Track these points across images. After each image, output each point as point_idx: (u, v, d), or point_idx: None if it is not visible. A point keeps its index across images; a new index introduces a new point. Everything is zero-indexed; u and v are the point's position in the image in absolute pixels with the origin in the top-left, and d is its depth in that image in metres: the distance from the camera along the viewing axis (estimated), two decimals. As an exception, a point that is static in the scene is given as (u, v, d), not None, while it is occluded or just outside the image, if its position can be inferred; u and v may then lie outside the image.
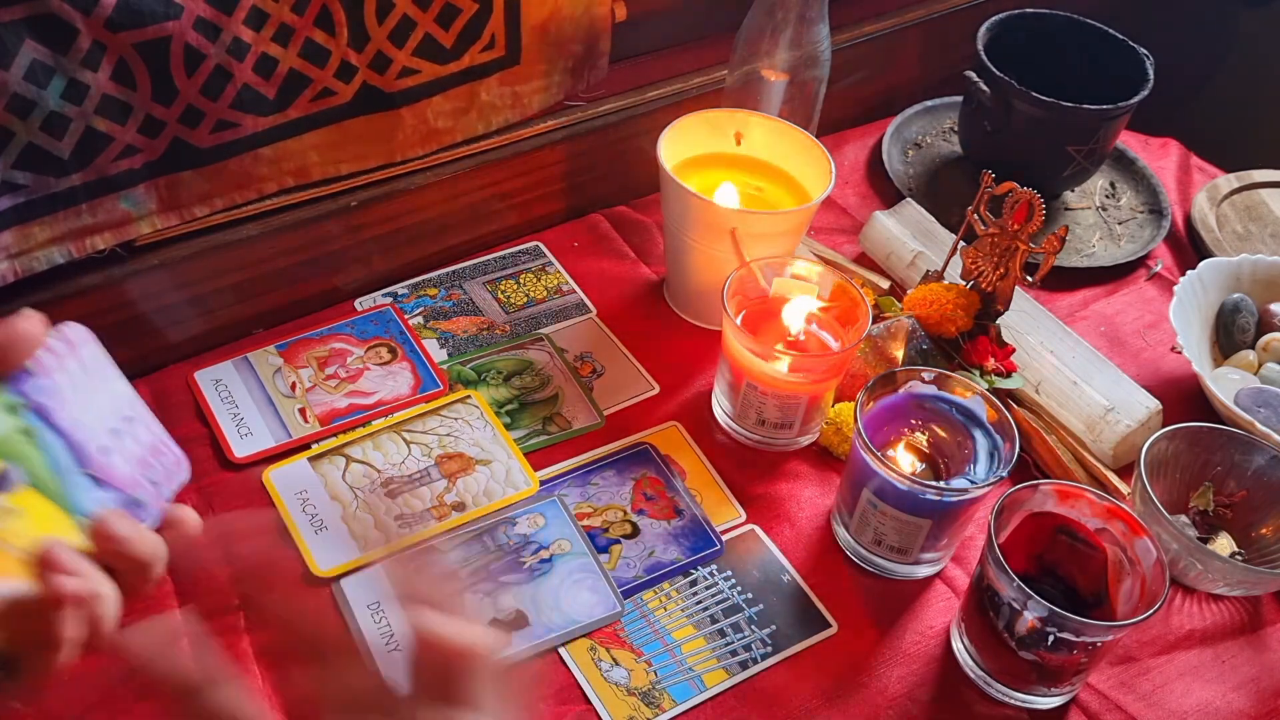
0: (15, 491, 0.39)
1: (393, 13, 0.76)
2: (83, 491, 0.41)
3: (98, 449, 0.42)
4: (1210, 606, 0.74)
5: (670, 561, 0.72)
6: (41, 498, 0.39)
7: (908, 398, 0.72)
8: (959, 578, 0.73)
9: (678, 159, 0.84)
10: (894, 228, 0.93)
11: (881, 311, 0.86)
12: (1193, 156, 1.10)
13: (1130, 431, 0.79)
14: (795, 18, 0.85)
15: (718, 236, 0.79)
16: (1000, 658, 0.65)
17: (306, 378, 0.80)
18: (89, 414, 0.42)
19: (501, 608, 0.68)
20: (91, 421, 0.42)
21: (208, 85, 0.71)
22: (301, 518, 0.72)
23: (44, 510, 0.40)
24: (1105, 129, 0.94)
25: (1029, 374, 0.83)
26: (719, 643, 0.68)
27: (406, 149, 0.84)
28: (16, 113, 0.65)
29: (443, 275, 0.90)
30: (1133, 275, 0.98)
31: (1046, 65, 0.97)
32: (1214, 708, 0.68)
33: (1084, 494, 0.66)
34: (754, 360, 0.74)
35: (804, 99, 0.90)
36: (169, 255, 0.78)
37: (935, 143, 1.08)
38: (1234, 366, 0.86)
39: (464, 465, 0.76)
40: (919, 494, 0.67)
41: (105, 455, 0.42)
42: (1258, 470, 0.75)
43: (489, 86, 0.85)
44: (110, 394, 0.44)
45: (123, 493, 0.42)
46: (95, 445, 0.42)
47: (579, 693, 0.65)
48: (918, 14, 1.08)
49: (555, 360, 0.84)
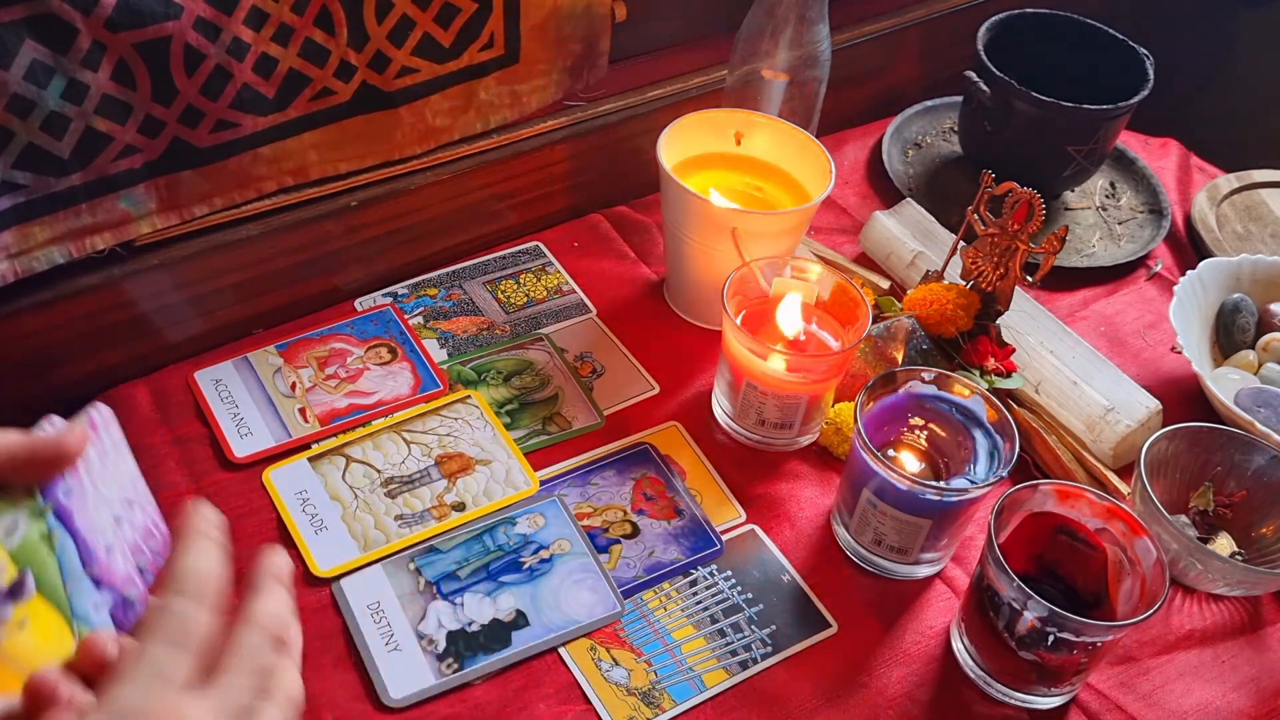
0: (27, 601, 0.39)
1: (392, 12, 0.76)
2: (85, 596, 0.41)
3: (104, 550, 0.42)
4: (1210, 606, 0.74)
5: (670, 561, 0.72)
6: (48, 605, 0.40)
7: (908, 398, 0.72)
8: (959, 578, 0.73)
9: (678, 159, 0.84)
10: (894, 228, 0.93)
11: (881, 311, 0.86)
12: (1193, 156, 1.10)
13: (1130, 431, 0.79)
14: (795, 18, 0.85)
15: (718, 236, 0.79)
16: (1000, 658, 0.65)
17: (306, 378, 0.80)
18: (101, 510, 0.42)
19: (501, 608, 0.68)
20: (102, 520, 0.42)
21: (208, 85, 0.71)
22: (301, 518, 0.72)
23: (48, 620, 0.40)
24: (1105, 129, 0.94)
25: (1029, 374, 0.83)
26: (719, 643, 0.68)
27: (405, 148, 0.84)
28: (16, 113, 0.65)
29: (443, 275, 0.90)
30: (1133, 275, 0.98)
31: (1046, 65, 0.97)
32: (1214, 708, 0.68)
33: (1084, 494, 0.66)
34: (754, 360, 0.74)
35: (804, 99, 0.90)
36: (169, 255, 0.78)
37: (935, 143, 1.08)
38: (1234, 366, 0.86)
39: (464, 465, 0.76)
40: (919, 494, 0.67)
41: (109, 555, 0.42)
42: (1258, 470, 0.75)
43: (488, 85, 0.85)
44: (118, 475, 0.44)
45: (117, 592, 0.42)
46: (103, 546, 0.42)
47: (579, 693, 0.65)
48: (918, 14, 1.08)
49: (555, 360, 0.84)
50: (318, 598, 0.68)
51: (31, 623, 0.39)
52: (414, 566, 0.70)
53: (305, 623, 0.67)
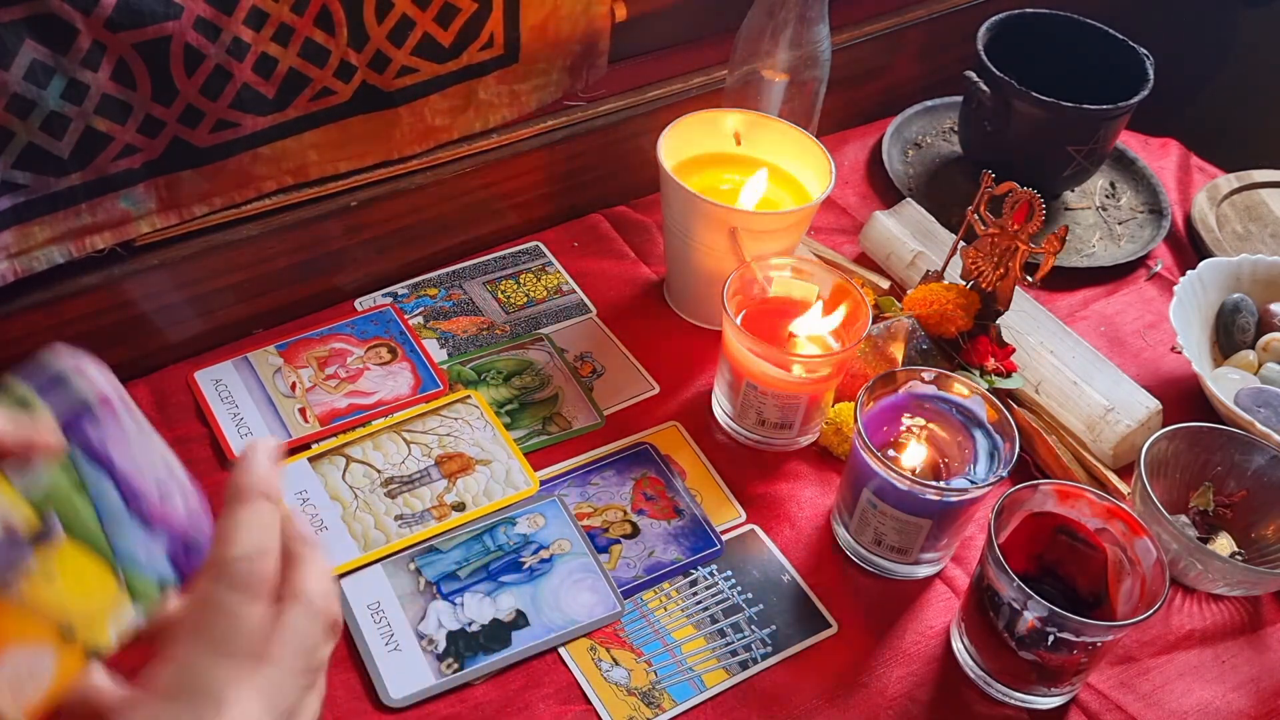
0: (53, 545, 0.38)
1: (392, 12, 0.76)
2: (131, 537, 0.40)
3: (156, 487, 0.41)
4: (1210, 606, 0.74)
5: (670, 561, 0.72)
6: (82, 550, 0.39)
7: (908, 398, 0.72)
8: (959, 578, 0.73)
9: (678, 159, 0.84)
10: (894, 228, 0.93)
11: (881, 311, 0.86)
12: (1193, 156, 1.10)
13: (1130, 431, 0.79)
14: (795, 18, 0.85)
15: (718, 236, 0.79)
16: (1000, 658, 0.65)
17: (306, 378, 0.80)
18: (149, 449, 0.41)
19: (501, 608, 0.68)
20: (151, 457, 0.41)
21: (207, 85, 0.71)
22: (301, 518, 0.72)
23: (83, 566, 0.39)
24: (1105, 129, 0.94)
25: (1029, 374, 0.83)
26: (719, 643, 0.68)
27: (404, 147, 0.84)
28: (16, 113, 0.65)
29: (443, 275, 0.90)
30: (1133, 275, 0.98)
31: (1046, 65, 0.97)
32: (1214, 708, 0.68)
33: (1084, 494, 0.66)
34: (754, 360, 0.74)
35: (804, 99, 0.90)
36: (169, 255, 0.78)
37: (935, 143, 1.08)
38: (1234, 366, 0.86)
39: (464, 465, 0.76)
40: (919, 494, 0.67)
41: (163, 494, 0.41)
42: (1258, 470, 0.75)
43: (487, 85, 0.85)
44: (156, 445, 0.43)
45: (176, 534, 0.41)
46: (154, 483, 0.41)
47: (579, 693, 0.65)
48: (918, 14, 1.08)
49: (555, 360, 0.84)
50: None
51: (62, 570, 0.38)
52: (414, 566, 0.70)
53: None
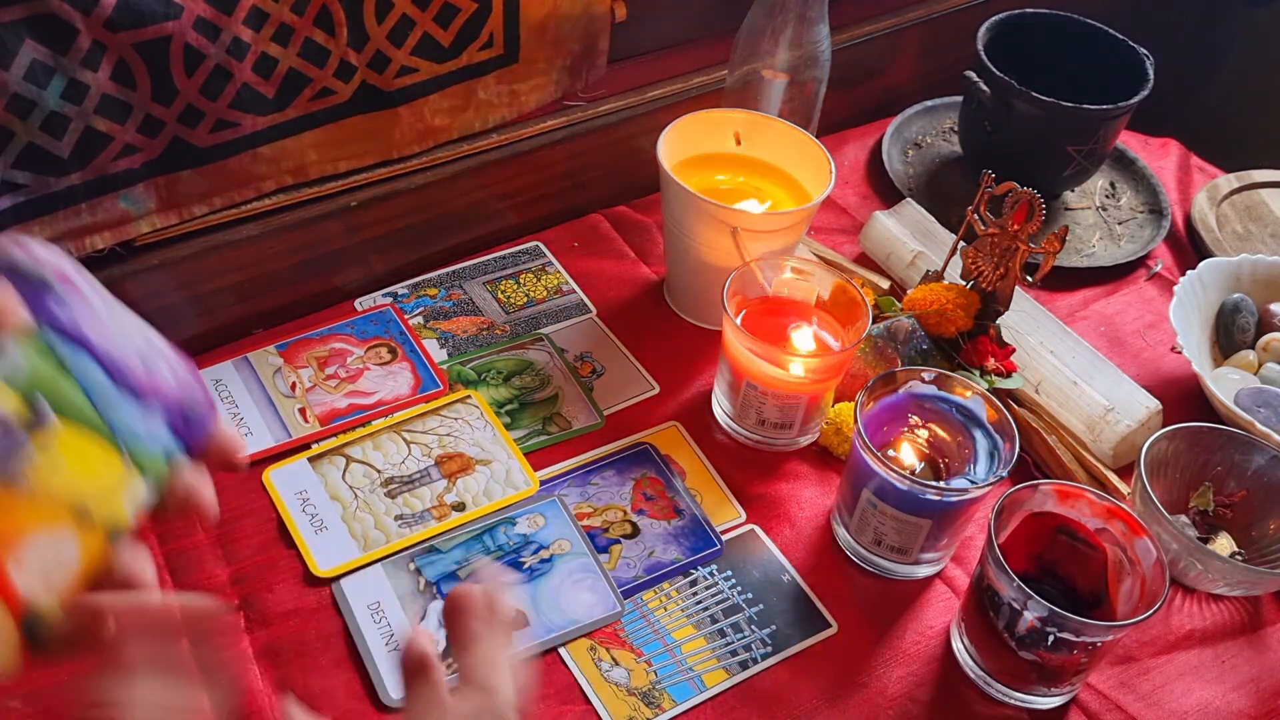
0: (49, 431, 0.36)
1: (392, 12, 0.76)
2: (125, 412, 0.38)
3: (139, 360, 0.39)
4: (1210, 606, 0.74)
5: (670, 561, 0.72)
6: (79, 431, 0.37)
7: (908, 398, 0.72)
8: (959, 578, 0.73)
9: (678, 159, 0.84)
10: (894, 228, 0.93)
11: (881, 311, 0.86)
12: (1193, 156, 1.10)
13: (1130, 431, 0.79)
14: (795, 18, 0.85)
15: (718, 236, 0.79)
16: (1000, 658, 0.65)
17: (306, 378, 0.80)
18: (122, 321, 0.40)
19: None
20: (126, 330, 0.39)
21: (207, 85, 0.71)
22: (301, 518, 0.72)
23: (83, 447, 0.37)
24: (1105, 129, 0.94)
25: (1029, 374, 0.83)
26: (719, 643, 0.68)
27: (403, 146, 0.84)
28: (16, 113, 0.65)
29: (443, 275, 0.90)
30: (1133, 275, 0.98)
31: (1046, 65, 0.97)
32: (1214, 708, 0.68)
33: (1084, 494, 0.66)
34: (754, 360, 0.74)
35: (804, 99, 0.90)
36: (169, 255, 0.78)
37: (935, 143, 1.08)
38: (1234, 366, 0.86)
39: (464, 465, 0.76)
40: (919, 494, 0.67)
41: (148, 366, 0.39)
42: (1258, 470, 0.75)
43: (487, 85, 0.85)
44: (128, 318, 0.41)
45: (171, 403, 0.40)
46: (136, 356, 0.39)
47: (579, 693, 0.65)
48: (918, 14, 1.08)
49: (555, 360, 0.84)
50: (318, 598, 0.68)
51: (65, 455, 0.37)
52: (414, 566, 0.70)
53: (305, 623, 0.67)
